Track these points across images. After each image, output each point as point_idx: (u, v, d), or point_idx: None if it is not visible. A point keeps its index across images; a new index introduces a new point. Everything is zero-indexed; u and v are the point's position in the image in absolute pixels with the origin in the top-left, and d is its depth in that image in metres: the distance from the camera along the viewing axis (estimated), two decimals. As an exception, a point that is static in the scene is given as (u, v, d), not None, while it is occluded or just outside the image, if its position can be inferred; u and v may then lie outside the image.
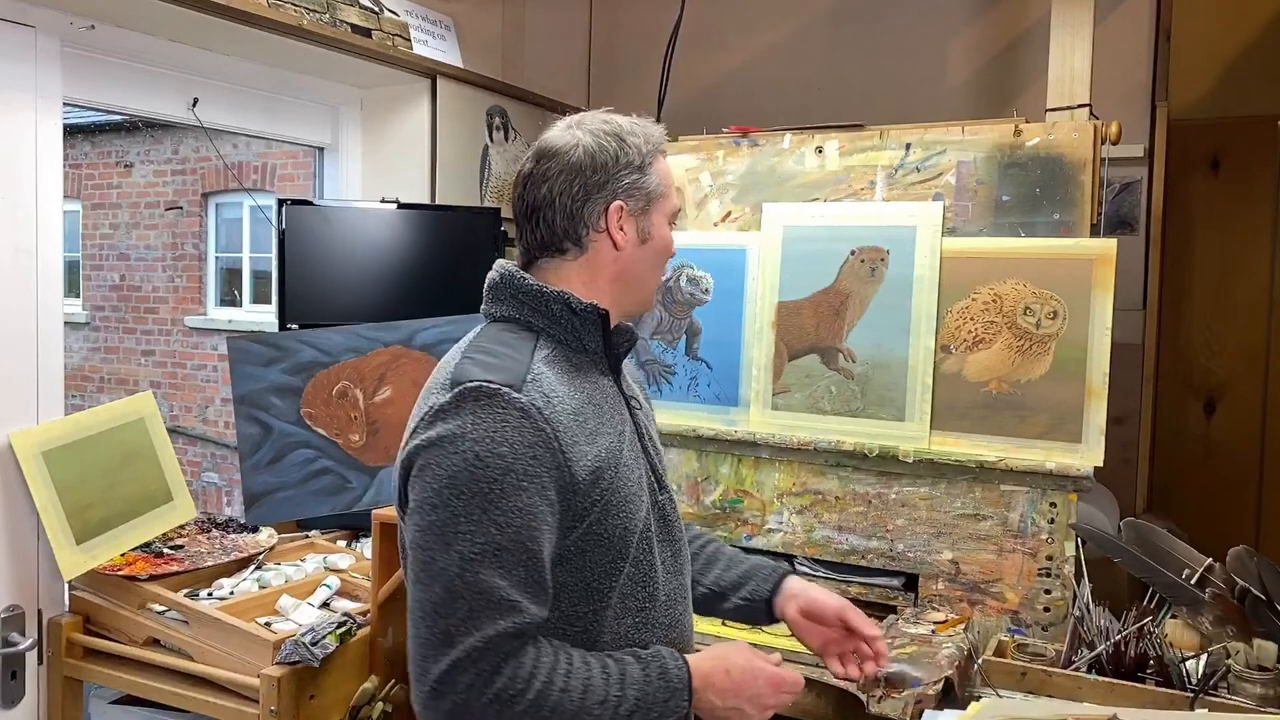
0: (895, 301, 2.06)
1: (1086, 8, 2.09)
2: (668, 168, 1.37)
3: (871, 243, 2.10)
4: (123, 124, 7.51)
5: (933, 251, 2.04)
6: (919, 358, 2.03)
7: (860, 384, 2.09)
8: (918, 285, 2.05)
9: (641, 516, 1.29)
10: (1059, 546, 1.91)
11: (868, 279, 2.09)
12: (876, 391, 2.07)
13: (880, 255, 2.09)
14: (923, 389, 2.01)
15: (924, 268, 2.04)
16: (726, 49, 3.32)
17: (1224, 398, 3.02)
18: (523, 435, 1.14)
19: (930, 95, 3.02)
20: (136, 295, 7.87)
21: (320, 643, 1.79)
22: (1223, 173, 3.01)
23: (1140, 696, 1.56)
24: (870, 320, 2.09)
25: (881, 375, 2.07)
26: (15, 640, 1.91)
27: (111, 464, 2.03)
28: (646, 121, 1.37)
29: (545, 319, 1.29)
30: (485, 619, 1.09)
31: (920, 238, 2.05)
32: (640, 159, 1.33)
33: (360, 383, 2.30)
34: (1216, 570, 1.72)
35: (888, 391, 2.06)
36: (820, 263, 2.15)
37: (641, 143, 1.34)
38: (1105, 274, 1.90)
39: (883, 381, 2.07)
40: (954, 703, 1.64)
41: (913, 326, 2.04)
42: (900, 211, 2.09)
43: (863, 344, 2.10)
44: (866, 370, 2.09)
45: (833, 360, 2.12)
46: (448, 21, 2.93)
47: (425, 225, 2.66)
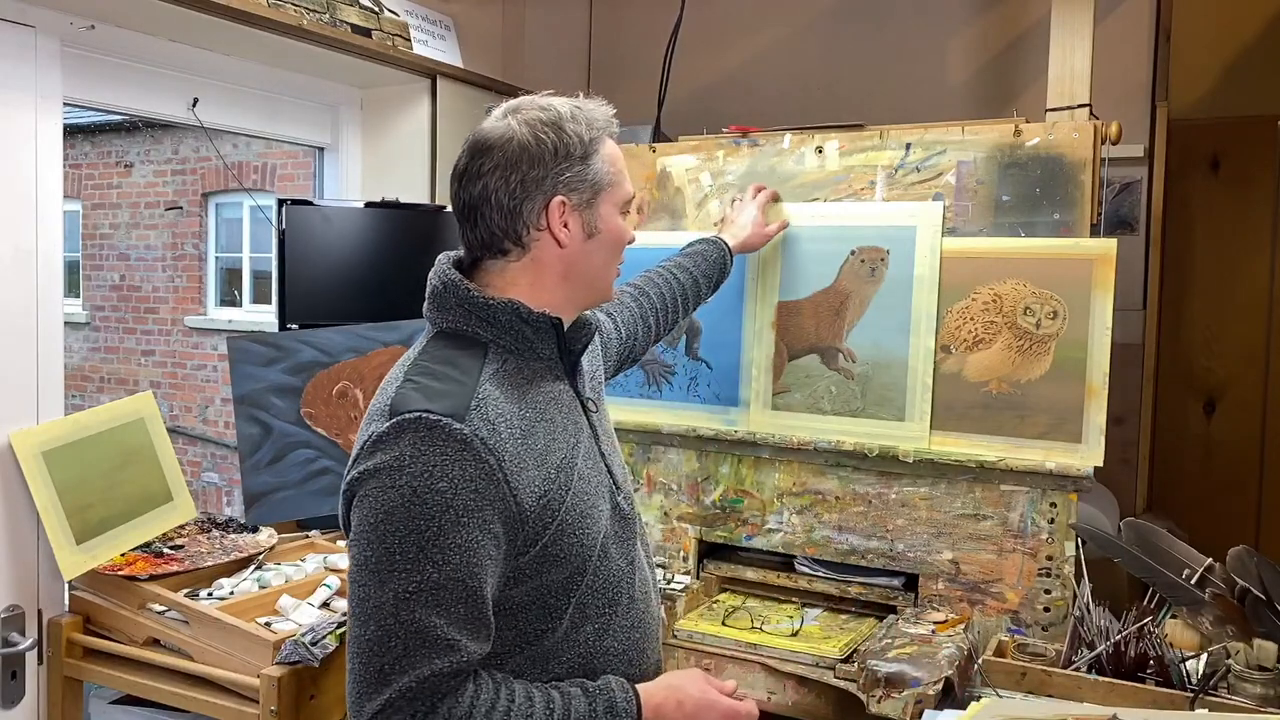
0: (896, 302, 2.06)
1: (1086, 8, 2.09)
2: (616, 152, 1.28)
3: (871, 242, 2.10)
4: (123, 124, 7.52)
5: (933, 251, 2.04)
6: (919, 358, 2.03)
7: (860, 384, 2.09)
8: (918, 285, 2.05)
9: (601, 527, 1.24)
10: (1059, 546, 1.91)
11: (868, 279, 2.10)
12: (876, 391, 2.07)
13: (880, 255, 2.09)
14: (922, 389, 2.01)
15: (924, 268, 2.04)
16: (726, 49, 3.32)
17: (1224, 398, 3.02)
18: (464, 469, 1.08)
19: (930, 95, 3.01)
20: (136, 295, 7.87)
21: (320, 643, 1.79)
22: (1223, 173, 3.01)
23: (1140, 697, 1.56)
24: (870, 320, 2.09)
25: (881, 376, 2.07)
26: (15, 640, 1.91)
27: (111, 464, 2.03)
28: (593, 103, 1.29)
29: (494, 330, 1.21)
30: (420, 659, 1.04)
31: (920, 238, 2.05)
32: (582, 148, 1.24)
33: (360, 383, 2.30)
34: (1216, 570, 1.72)
35: (887, 391, 2.06)
36: (820, 263, 2.15)
37: (583, 129, 1.24)
38: (1105, 274, 1.90)
39: (882, 382, 2.07)
40: (954, 703, 1.63)
41: (913, 326, 2.04)
42: (900, 211, 2.09)
43: (863, 344, 2.10)
44: (866, 370, 2.09)
45: (832, 360, 2.12)
46: (448, 21, 2.93)
47: (425, 225, 2.66)
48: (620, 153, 1.31)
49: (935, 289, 2.03)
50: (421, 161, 2.83)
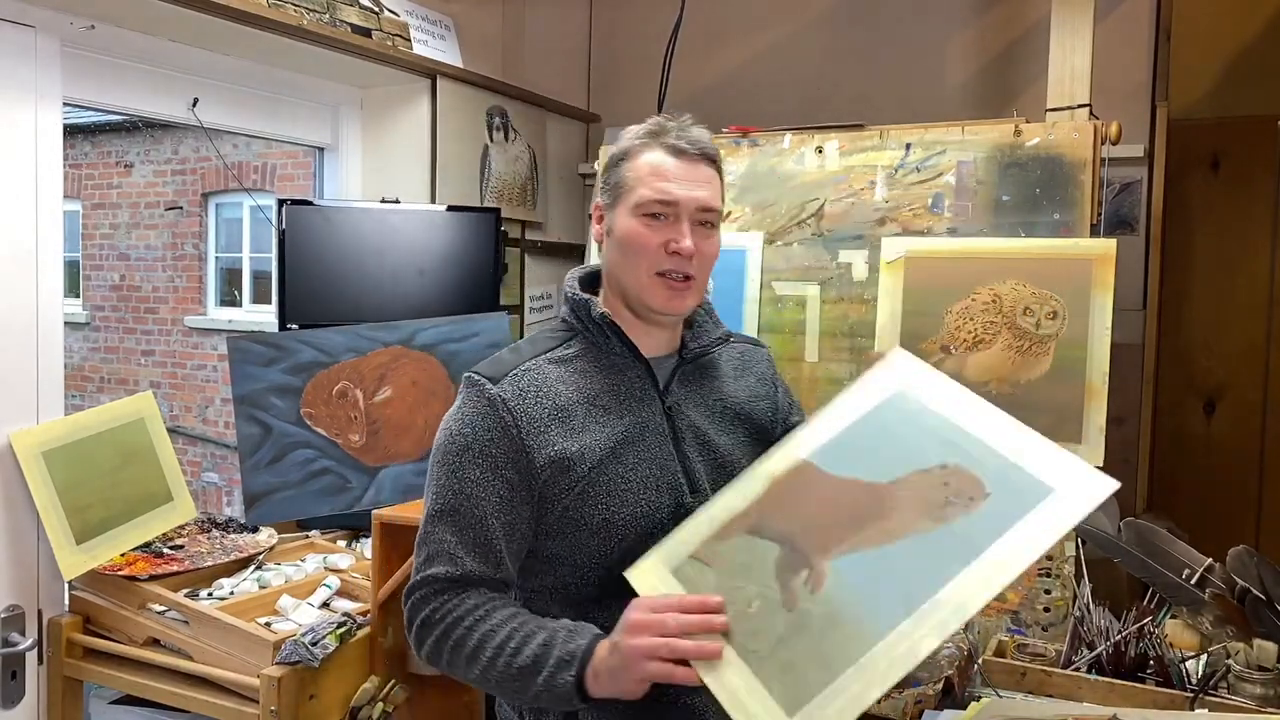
0: (926, 561, 1.16)
1: (1087, 8, 2.09)
2: (650, 160, 1.33)
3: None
4: (123, 124, 7.51)
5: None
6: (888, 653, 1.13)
7: (795, 628, 1.89)
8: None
9: (640, 512, 1.29)
10: (1059, 546, 1.91)
11: (941, 506, 1.17)
12: (810, 648, 1.63)
13: (977, 490, 1.18)
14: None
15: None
16: (726, 49, 3.32)
17: (1224, 398, 3.02)
18: (485, 421, 1.28)
19: (930, 95, 3.01)
20: (136, 295, 7.87)
21: (320, 643, 1.79)
22: (1223, 173, 3.01)
23: (1140, 697, 1.56)
24: (888, 558, 1.16)
25: (833, 634, 1.17)
26: (15, 640, 1.91)
27: (111, 464, 2.03)
28: (666, 119, 1.36)
29: (579, 321, 1.37)
30: (434, 562, 1.28)
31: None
32: (620, 154, 1.35)
33: (360, 383, 2.30)
34: (1216, 570, 1.72)
35: (818, 659, 1.50)
36: (908, 452, 1.25)
37: (631, 137, 1.35)
38: (1105, 274, 1.90)
39: (829, 645, 1.00)
40: (954, 703, 1.63)
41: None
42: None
43: (847, 580, 1.65)
44: (826, 613, 1.86)
45: (789, 568, 2.04)
46: (448, 21, 2.93)
47: (425, 225, 2.66)
48: (659, 163, 1.33)
49: (1004, 582, 1.09)
50: (421, 161, 2.83)
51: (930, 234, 2.10)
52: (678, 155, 1.32)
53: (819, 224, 2.22)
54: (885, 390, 1.27)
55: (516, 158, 3.12)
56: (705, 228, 1.33)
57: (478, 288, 2.72)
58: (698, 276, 1.34)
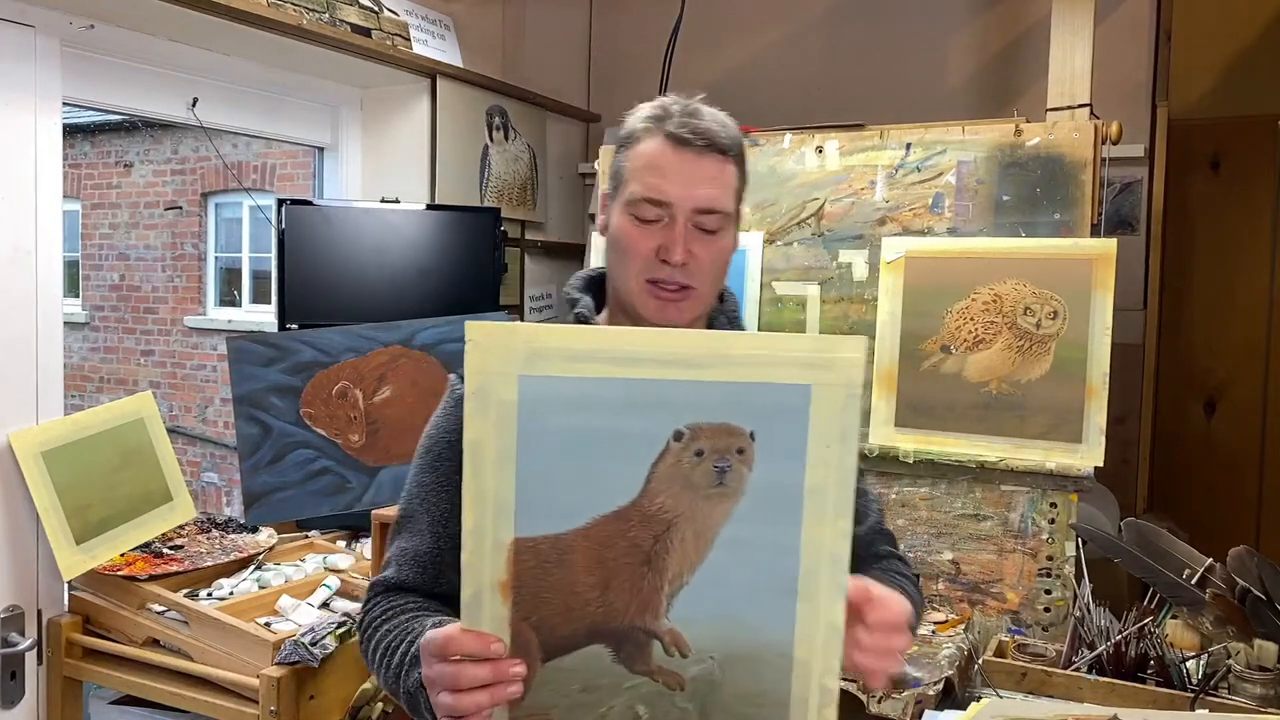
0: (766, 533, 0.96)
1: (1087, 8, 2.08)
2: (644, 149, 1.17)
3: (719, 414, 0.93)
4: (122, 124, 7.51)
5: (844, 436, 0.92)
6: (815, 645, 0.98)
7: (697, 700, 1.70)
8: (812, 498, 0.93)
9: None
10: (1059, 547, 1.91)
11: (710, 489, 0.95)
12: (729, 712, 1.50)
13: (735, 443, 0.94)
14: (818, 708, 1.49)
15: (830, 468, 0.93)
16: (726, 49, 3.32)
17: (1224, 397, 3.01)
18: (448, 421, 1.19)
19: (930, 95, 3.01)
20: (136, 295, 7.87)
21: (320, 643, 1.78)
22: (1223, 173, 3.01)
23: (1140, 697, 1.56)
24: (717, 570, 1.02)
25: (741, 679, 1.06)
26: (15, 640, 1.91)
27: (111, 464, 2.02)
28: (673, 100, 1.20)
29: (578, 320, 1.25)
30: (385, 567, 1.22)
31: (820, 412, 0.91)
32: (626, 136, 1.20)
33: (360, 383, 2.29)
34: (1217, 570, 1.71)
35: (752, 710, 1.19)
36: (611, 454, 0.98)
37: (637, 119, 1.19)
38: (1105, 274, 1.90)
39: (743, 691, 1.06)
40: (954, 703, 1.63)
41: (804, 578, 0.95)
42: (786, 350, 0.92)
43: (702, 618, 0.94)
44: (710, 671, 1.59)
45: (637, 655, 1.92)
46: (447, 21, 2.93)
47: (425, 225, 2.66)
48: (656, 154, 1.15)
49: (847, 499, 0.92)
50: (421, 161, 2.82)
51: (930, 234, 2.10)
52: (679, 146, 1.15)
53: (819, 224, 2.22)
54: (502, 407, 0.89)
55: (516, 157, 3.12)
56: (705, 232, 1.15)
57: (477, 288, 2.72)
58: (698, 285, 1.15)
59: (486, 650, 0.90)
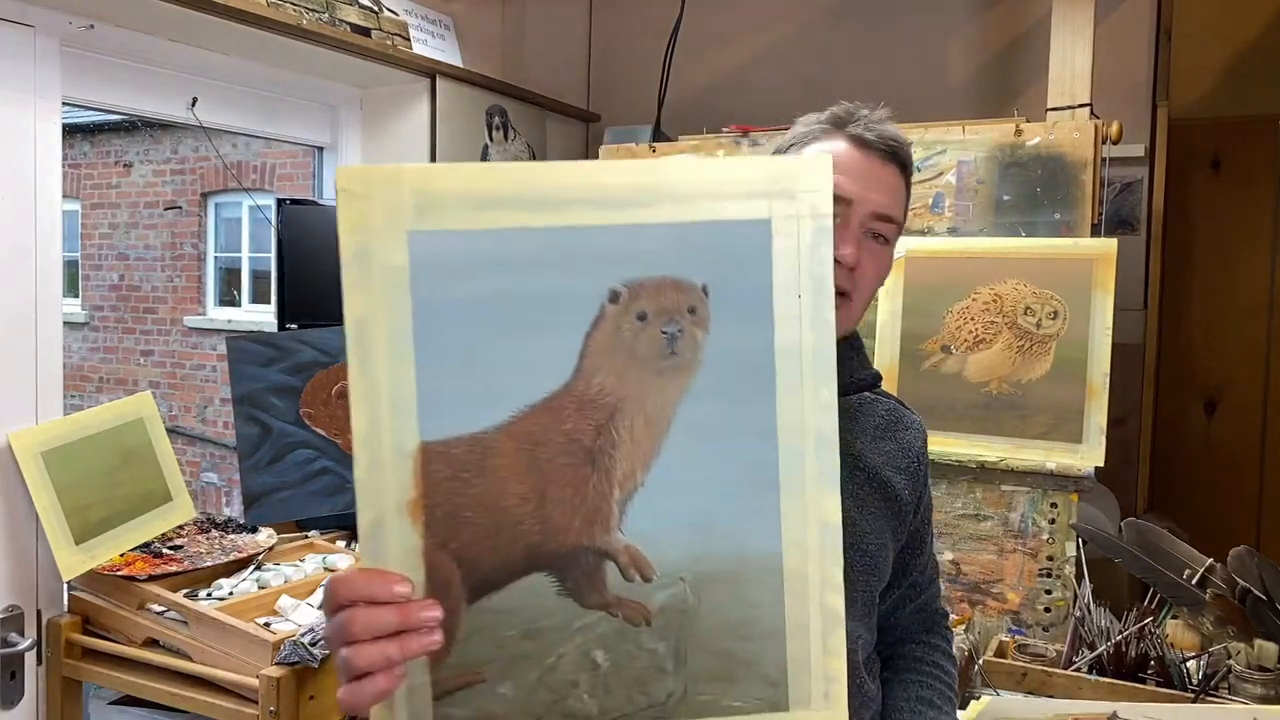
0: (733, 413, 0.83)
1: (1087, 7, 2.08)
2: (822, 149, 1.16)
3: (666, 268, 0.79)
4: (122, 124, 7.51)
5: (817, 276, 0.77)
6: (808, 550, 1.16)
7: (670, 636, 1.86)
8: (782, 359, 0.79)
9: None
10: (1060, 547, 1.91)
11: (661, 360, 0.81)
12: (714, 646, 1.61)
13: (687, 302, 0.80)
14: (822, 627, 1.31)
15: (804, 325, 0.78)
16: (726, 49, 3.32)
17: (1224, 398, 3.01)
18: None
19: (930, 95, 3.01)
20: (136, 295, 7.87)
21: (320, 643, 1.78)
22: (1223, 172, 3.01)
23: (1141, 697, 1.56)
24: (679, 463, 0.82)
25: (720, 603, 0.60)
26: (14, 641, 1.91)
27: (110, 464, 2.02)
28: (856, 105, 1.19)
29: None
30: None
31: (781, 244, 0.77)
32: (789, 143, 1.21)
33: (360, 383, 2.29)
34: (1217, 570, 1.71)
35: (741, 642, 1.43)
36: (537, 325, 0.89)
37: (806, 123, 1.20)
38: (1106, 274, 1.90)
39: (724, 620, 0.74)
40: (955, 703, 1.63)
41: (783, 464, 0.81)
42: (736, 182, 0.77)
43: (665, 530, 1.39)
44: (681, 597, 1.85)
45: (590, 585, 2.00)
46: (447, 21, 2.92)
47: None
48: (843, 152, 1.12)
49: (827, 362, 0.77)
50: (421, 160, 2.82)
51: (930, 234, 2.10)
52: (863, 148, 1.11)
53: (819, 224, 2.23)
54: (390, 275, 0.80)
55: (516, 157, 3.12)
56: (876, 240, 1.10)
57: (477, 287, 2.71)
58: (855, 297, 1.08)
59: (389, 590, 0.71)
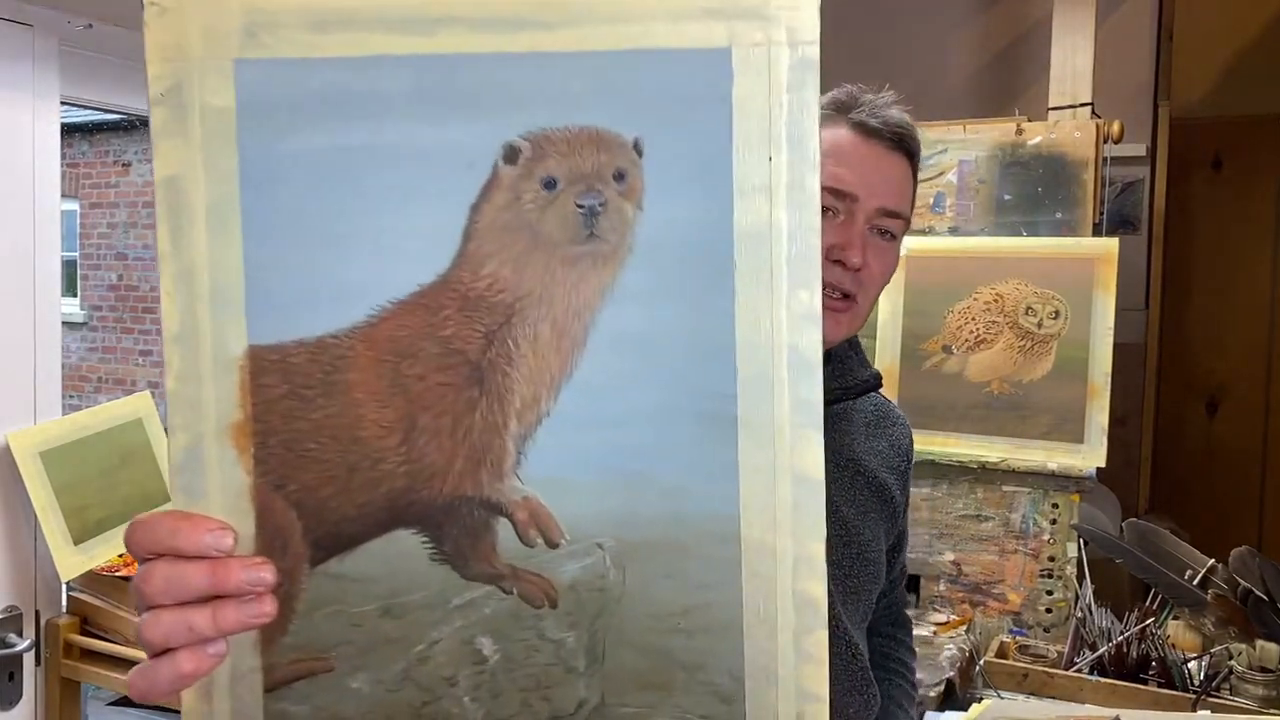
0: (660, 322, 0.57)
1: (1089, 7, 2.08)
2: (825, 134, 1.06)
3: (581, 116, 0.53)
4: (121, 123, 7.50)
5: (800, 124, 0.60)
6: (760, 487, 0.58)
7: (587, 610, 1.70)
8: (744, 244, 0.53)
9: None
10: (1061, 547, 1.90)
11: (576, 243, 0.57)
12: (643, 606, 1.45)
13: (616, 166, 0.55)
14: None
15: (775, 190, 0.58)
16: (726, 48, 3.31)
17: (1226, 398, 3.01)
18: None
19: (931, 94, 3.01)
20: (135, 295, 7.86)
21: (319, 644, 1.78)
22: (1225, 172, 3.01)
23: (1142, 698, 1.56)
24: (600, 381, 0.63)
25: (654, 557, 0.52)
26: (13, 641, 1.90)
27: (109, 464, 2.02)
28: (860, 89, 1.14)
29: None
30: None
31: (745, 83, 0.56)
32: None
33: (359, 383, 2.29)
34: (1219, 571, 1.71)
35: (671, 592, 1.30)
36: (407, 190, 0.56)
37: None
38: (1107, 274, 1.90)
39: (658, 571, 0.60)
40: (955, 704, 1.63)
41: (744, 386, 0.56)
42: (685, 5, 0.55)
43: (579, 462, 1.16)
44: (602, 560, 1.67)
45: (477, 549, 1.93)
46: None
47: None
48: (840, 142, 1.03)
49: (810, 253, 0.53)
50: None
51: (931, 233, 2.10)
52: (868, 136, 1.03)
53: (820, 223, 2.22)
54: (212, 119, 0.57)
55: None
56: (883, 237, 1.01)
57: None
58: (860, 299, 0.99)
59: (198, 540, 0.51)
